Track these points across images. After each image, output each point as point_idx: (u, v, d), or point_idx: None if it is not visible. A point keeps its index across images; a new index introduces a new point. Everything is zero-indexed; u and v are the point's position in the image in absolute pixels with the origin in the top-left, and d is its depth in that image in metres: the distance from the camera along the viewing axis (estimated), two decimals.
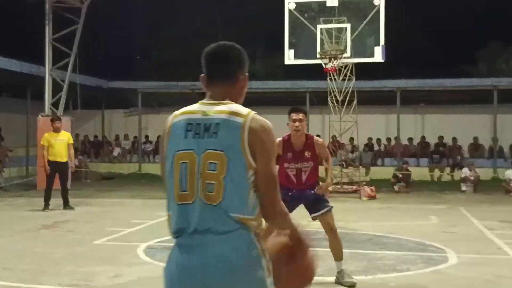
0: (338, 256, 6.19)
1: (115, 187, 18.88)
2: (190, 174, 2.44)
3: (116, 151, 25.25)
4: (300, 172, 6.07)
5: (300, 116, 5.94)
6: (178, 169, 2.46)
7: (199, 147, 2.44)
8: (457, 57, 28.26)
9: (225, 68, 2.60)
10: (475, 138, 22.94)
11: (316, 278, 6.45)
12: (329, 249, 8.00)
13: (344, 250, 7.83)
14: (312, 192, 6.11)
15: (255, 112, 2.51)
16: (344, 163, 18.30)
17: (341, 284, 6.10)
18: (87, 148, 25.71)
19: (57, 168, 12.56)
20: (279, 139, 6.03)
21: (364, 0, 15.92)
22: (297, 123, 5.97)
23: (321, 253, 7.83)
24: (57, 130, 12.68)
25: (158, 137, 25.23)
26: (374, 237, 9.32)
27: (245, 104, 2.61)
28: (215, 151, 2.41)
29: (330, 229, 6.14)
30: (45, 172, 12.58)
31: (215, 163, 2.41)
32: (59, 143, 12.58)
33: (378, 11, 15.72)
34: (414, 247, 8.43)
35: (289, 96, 24.31)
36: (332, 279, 6.36)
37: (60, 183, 12.70)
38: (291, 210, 5.85)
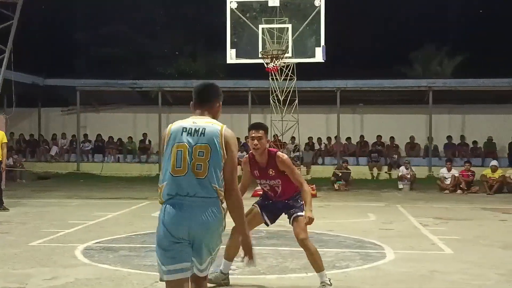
0: (315, 268, 5.93)
1: (51, 187, 18.44)
2: (183, 157, 3.76)
3: (53, 150, 24.68)
4: (273, 187, 5.95)
5: (260, 133, 5.73)
6: (175, 154, 3.78)
7: (191, 142, 3.78)
8: (394, 58, 28.93)
9: (207, 99, 4.06)
10: (412, 138, 23.55)
11: (257, 277, 6.51)
12: (270, 248, 8.09)
13: (284, 248, 7.95)
14: (287, 201, 6.01)
15: (225, 126, 3.90)
16: None
17: None
18: (23, 147, 25.01)
19: None
20: (245, 155, 6.08)
21: (304, 1, 16.06)
22: (255, 141, 5.74)
23: (263, 252, 7.89)
24: None
25: (98, 135, 24.92)
26: (314, 234, 9.39)
27: (188, 103, 4.02)
28: (203, 144, 3.77)
29: (299, 242, 5.90)
30: None
31: (203, 151, 3.76)
32: None
33: (318, 12, 15.89)
34: (352, 244, 8.57)
35: (231, 95, 24.25)
36: (273, 277, 6.43)
37: None
38: (274, 219, 6.10)
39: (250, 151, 5.99)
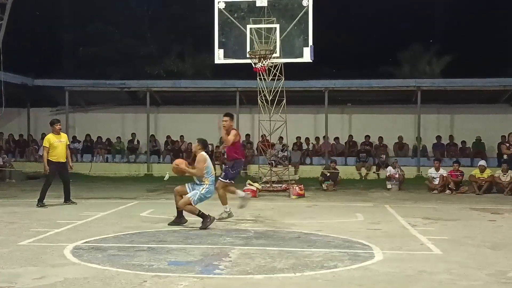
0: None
1: (41, 186, 18.28)
2: None
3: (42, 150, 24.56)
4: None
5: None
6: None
7: None
8: (382, 58, 29.03)
9: None
10: (400, 137, 23.65)
11: (245, 277, 6.52)
12: (258, 248, 8.10)
13: (272, 248, 7.98)
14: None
15: None
16: (273, 162, 18.48)
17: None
18: (12, 147, 24.91)
19: None
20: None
21: (292, 1, 16.08)
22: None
23: (251, 252, 7.90)
24: None
25: (86, 135, 24.82)
26: (302, 234, 9.46)
27: (176, 103, 2.79)
28: None
29: None
30: None
31: None
32: None
33: (306, 12, 15.91)
34: (341, 244, 8.59)
35: (219, 95, 24.32)
36: (261, 276, 6.46)
37: None
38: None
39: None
